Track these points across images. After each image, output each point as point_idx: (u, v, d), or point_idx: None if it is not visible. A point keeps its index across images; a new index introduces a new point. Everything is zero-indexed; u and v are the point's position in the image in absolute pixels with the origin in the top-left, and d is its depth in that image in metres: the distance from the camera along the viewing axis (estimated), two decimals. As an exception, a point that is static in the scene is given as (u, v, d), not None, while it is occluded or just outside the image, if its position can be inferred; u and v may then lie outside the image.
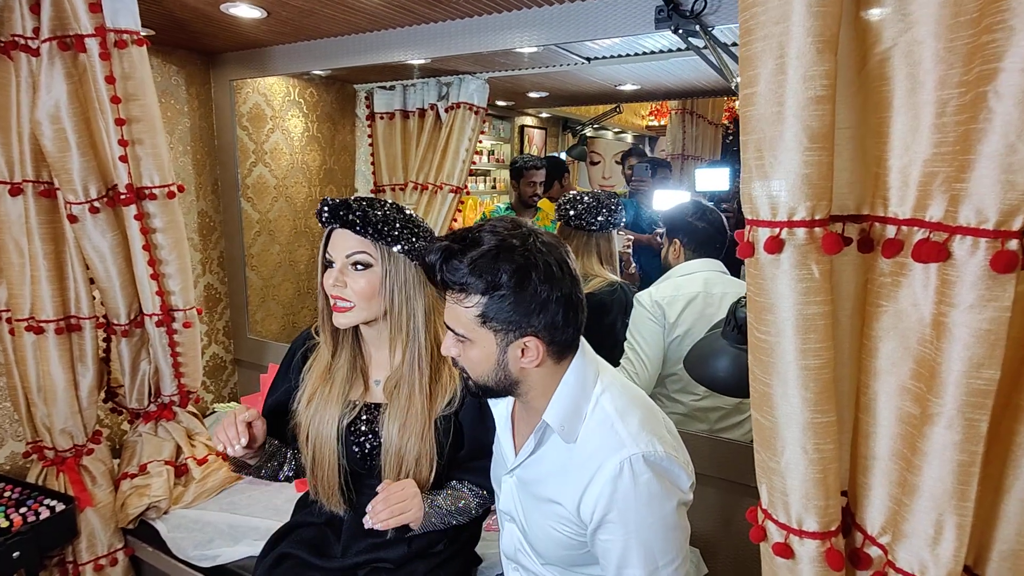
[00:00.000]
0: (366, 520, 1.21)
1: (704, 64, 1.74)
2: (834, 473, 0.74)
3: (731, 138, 4.91)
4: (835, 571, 0.76)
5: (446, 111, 2.62)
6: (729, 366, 1.42)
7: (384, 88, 2.83)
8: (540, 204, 3.35)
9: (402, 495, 1.23)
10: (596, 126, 5.14)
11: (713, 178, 3.16)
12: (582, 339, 1.08)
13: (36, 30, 1.62)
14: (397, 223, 1.22)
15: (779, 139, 0.67)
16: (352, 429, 1.33)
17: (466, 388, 1.10)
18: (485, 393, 1.09)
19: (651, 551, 0.99)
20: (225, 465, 2.09)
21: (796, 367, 0.71)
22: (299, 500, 1.55)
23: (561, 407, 1.04)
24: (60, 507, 1.77)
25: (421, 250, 1.24)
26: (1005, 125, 0.55)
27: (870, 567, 0.77)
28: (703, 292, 1.88)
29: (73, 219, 1.72)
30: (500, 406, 1.23)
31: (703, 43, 1.60)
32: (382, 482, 1.27)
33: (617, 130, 5.52)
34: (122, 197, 1.74)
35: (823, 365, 0.71)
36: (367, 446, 1.32)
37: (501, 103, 4.08)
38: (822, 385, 0.71)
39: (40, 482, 1.88)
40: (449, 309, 1.03)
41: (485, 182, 4.88)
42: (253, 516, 1.93)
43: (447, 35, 1.95)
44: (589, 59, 2.30)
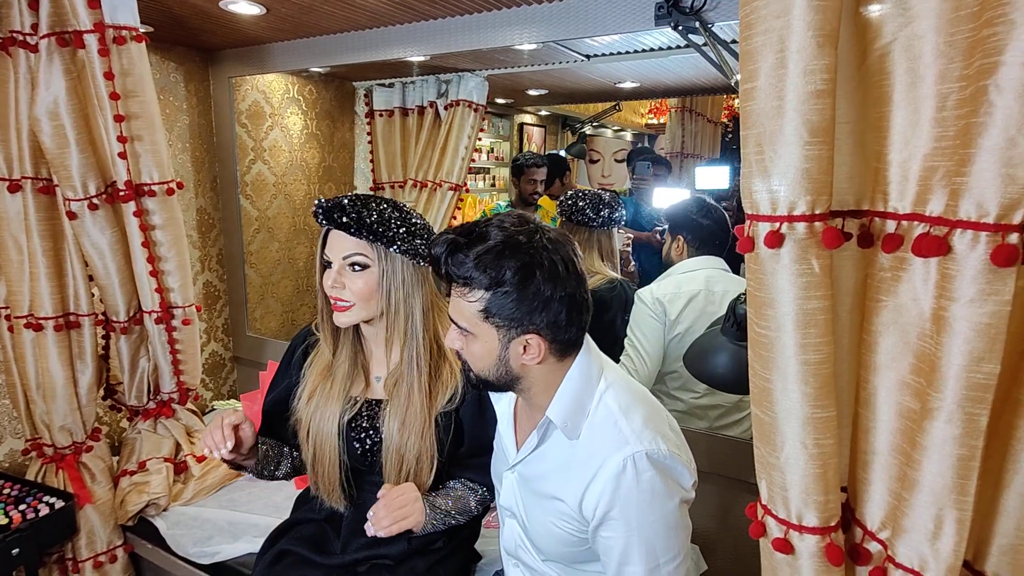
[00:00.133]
0: (368, 528, 1.20)
1: (704, 62, 1.75)
2: (834, 468, 0.74)
3: (730, 136, 4.91)
4: (835, 566, 0.76)
5: (445, 108, 2.62)
6: (728, 362, 1.42)
7: (383, 85, 2.83)
8: (540, 202, 3.35)
9: (403, 500, 1.23)
10: (595, 124, 5.13)
11: (713, 176, 3.17)
12: (587, 336, 1.07)
13: (35, 26, 1.62)
14: (393, 222, 1.21)
15: (779, 133, 0.67)
16: (353, 425, 1.33)
17: (468, 380, 1.10)
18: (486, 387, 1.09)
19: (653, 549, 0.99)
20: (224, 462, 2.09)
21: (796, 362, 0.71)
22: (299, 497, 1.55)
23: (565, 403, 1.04)
24: (59, 504, 1.77)
25: (419, 248, 1.24)
26: (1006, 119, 0.55)
27: (870, 562, 0.77)
28: (704, 290, 1.88)
29: (72, 216, 1.72)
30: (503, 402, 1.23)
31: (703, 40, 1.60)
32: (383, 485, 1.27)
33: (616, 128, 5.52)
34: (121, 194, 1.74)
35: (823, 360, 0.71)
36: (368, 442, 1.32)
37: (500, 101, 4.07)
38: (822, 380, 0.71)
39: (39, 479, 1.88)
40: (453, 302, 1.03)
41: (484, 180, 4.88)
42: (253, 513, 1.93)
43: (447, 32, 1.95)
44: (589, 56, 2.29)
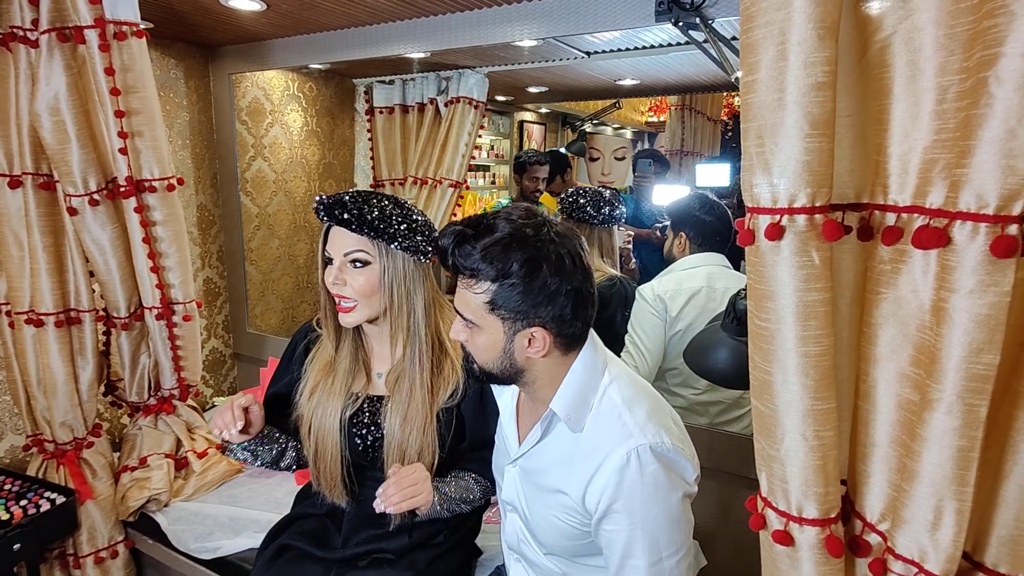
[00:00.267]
0: (377, 504, 1.19)
1: (704, 59, 1.74)
2: (834, 460, 0.74)
3: (730, 134, 4.92)
4: (835, 558, 0.76)
5: (445, 105, 2.61)
6: (728, 358, 1.42)
7: (383, 82, 2.82)
8: (541, 199, 3.35)
9: (413, 478, 1.23)
10: (595, 122, 5.14)
11: (713, 174, 3.17)
12: (591, 331, 1.07)
13: (35, 21, 1.62)
14: (394, 219, 1.21)
15: (780, 126, 0.67)
16: (355, 421, 1.33)
17: (471, 372, 1.10)
18: (490, 379, 1.09)
19: (656, 542, 0.99)
20: (225, 459, 2.10)
21: (796, 354, 0.71)
22: (299, 492, 1.55)
23: (569, 396, 1.04)
24: (60, 500, 1.77)
25: (420, 244, 1.24)
26: (1006, 110, 0.55)
27: (869, 554, 0.77)
28: (706, 287, 1.88)
29: (73, 212, 1.72)
30: (505, 395, 1.23)
31: (703, 36, 1.60)
32: (389, 470, 1.26)
33: (616, 126, 5.52)
34: (122, 190, 1.74)
35: (823, 352, 0.71)
36: (369, 438, 1.33)
37: (500, 98, 4.08)
38: (822, 372, 0.71)
39: (40, 475, 1.88)
40: (459, 294, 1.03)
41: (484, 177, 4.89)
42: (253, 509, 1.93)
43: (447, 28, 1.95)
44: (589, 53, 2.29)
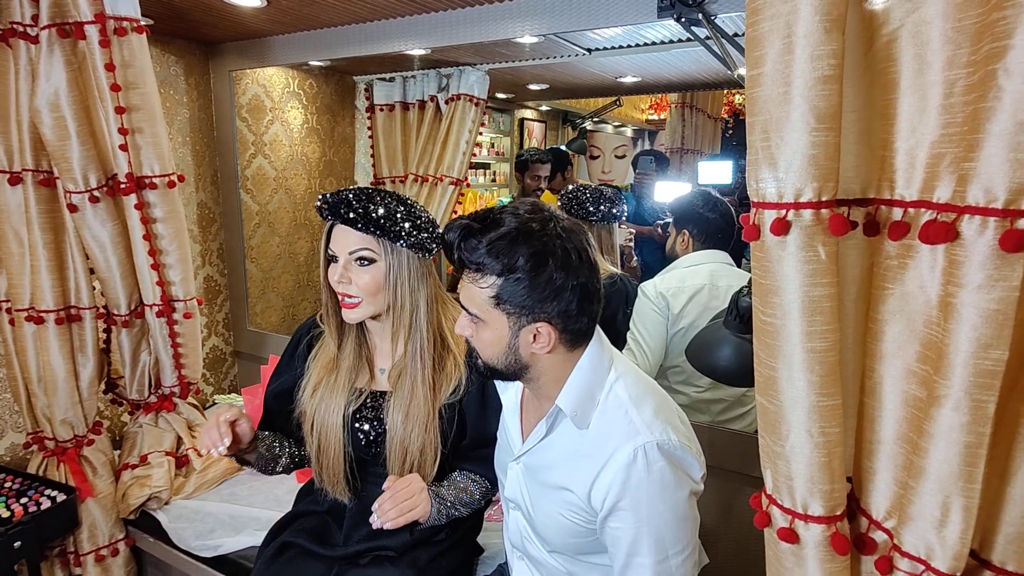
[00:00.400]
0: (373, 520, 1.20)
1: (705, 56, 1.74)
2: (839, 457, 0.74)
3: (731, 132, 4.92)
4: (840, 555, 0.76)
5: (446, 103, 2.61)
6: (731, 355, 1.42)
7: (384, 80, 2.82)
8: (542, 197, 3.35)
9: (409, 491, 1.23)
10: (596, 119, 5.13)
11: (716, 171, 3.16)
12: (598, 328, 1.07)
13: (35, 17, 1.61)
14: (399, 216, 1.21)
15: (786, 120, 0.67)
16: (357, 417, 1.33)
17: (475, 368, 1.10)
18: (493, 375, 1.08)
19: (662, 540, 0.99)
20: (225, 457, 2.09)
21: (802, 350, 0.71)
22: (300, 490, 1.55)
23: (575, 392, 1.04)
24: (61, 497, 1.77)
25: (424, 242, 1.24)
26: (1015, 103, 0.55)
27: (875, 551, 0.77)
28: (708, 284, 1.87)
29: (73, 208, 1.71)
30: (509, 392, 1.22)
31: (706, 33, 1.59)
32: (387, 477, 1.26)
33: (617, 124, 5.51)
34: (122, 186, 1.73)
35: (829, 348, 0.70)
36: (372, 433, 1.32)
37: (501, 96, 4.07)
38: (828, 368, 0.71)
39: (41, 472, 1.88)
40: (465, 288, 1.02)
41: (485, 175, 4.88)
42: (254, 507, 1.93)
43: (448, 24, 1.94)
44: (590, 50, 2.29)
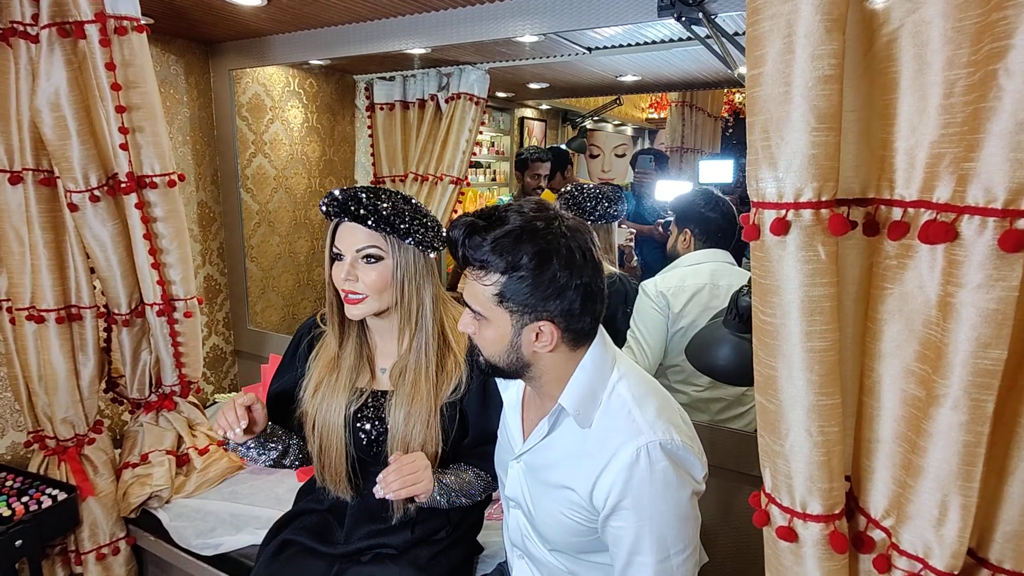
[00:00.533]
0: (377, 490, 1.19)
1: (706, 55, 1.74)
2: (838, 456, 0.74)
3: (731, 131, 4.92)
4: (839, 554, 0.76)
5: (446, 102, 2.61)
6: (730, 354, 1.42)
7: (384, 79, 2.82)
8: (542, 196, 3.35)
9: (413, 466, 1.22)
10: (596, 118, 5.13)
11: (717, 170, 3.17)
12: (600, 327, 1.07)
13: (35, 16, 1.61)
14: (406, 214, 1.22)
15: (786, 119, 0.67)
16: (359, 416, 1.33)
17: (477, 366, 1.09)
18: (495, 373, 1.08)
19: (664, 540, 0.99)
20: (227, 455, 2.10)
21: (801, 349, 0.71)
22: (301, 488, 1.55)
23: (577, 391, 1.04)
24: (62, 496, 1.77)
25: (430, 240, 1.24)
26: (1015, 103, 0.55)
27: (873, 550, 0.77)
28: (709, 284, 1.87)
29: (73, 208, 1.71)
30: (511, 391, 1.22)
31: (706, 32, 1.59)
32: (391, 456, 1.25)
33: (617, 122, 5.51)
34: (123, 185, 1.73)
35: (828, 347, 0.70)
36: (373, 432, 1.33)
37: (501, 95, 4.07)
38: (827, 367, 0.71)
39: (42, 471, 1.88)
40: (468, 286, 1.02)
41: (485, 174, 4.88)
42: (255, 505, 1.93)
43: (448, 23, 1.94)
44: (590, 49, 2.29)
